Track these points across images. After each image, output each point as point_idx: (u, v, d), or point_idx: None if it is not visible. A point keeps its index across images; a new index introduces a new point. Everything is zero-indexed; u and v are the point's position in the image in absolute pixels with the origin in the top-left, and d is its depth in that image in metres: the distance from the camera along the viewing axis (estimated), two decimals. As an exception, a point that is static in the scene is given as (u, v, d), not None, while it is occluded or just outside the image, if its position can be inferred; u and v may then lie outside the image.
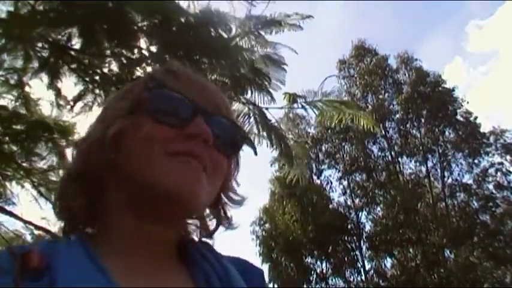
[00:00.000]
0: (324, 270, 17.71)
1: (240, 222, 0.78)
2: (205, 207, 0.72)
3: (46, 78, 4.33)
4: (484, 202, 16.81)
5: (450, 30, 30.53)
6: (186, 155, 0.65)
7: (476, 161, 17.47)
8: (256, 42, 4.09)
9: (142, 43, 3.78)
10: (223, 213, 0.77)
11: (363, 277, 17.56)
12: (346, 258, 17.61)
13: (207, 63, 3.75)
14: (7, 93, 4.95)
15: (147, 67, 3.76)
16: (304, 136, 18.14)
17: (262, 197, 18.18)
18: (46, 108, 5.16)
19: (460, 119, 17.95)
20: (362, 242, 17.94)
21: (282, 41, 4.15)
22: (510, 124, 28.47)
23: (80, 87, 4.29)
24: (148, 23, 3.56)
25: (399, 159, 18.94)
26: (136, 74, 3.86)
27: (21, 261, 0.58)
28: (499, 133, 17.52)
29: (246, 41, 4.05)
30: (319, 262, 17.81)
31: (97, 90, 4.24)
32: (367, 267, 17.69)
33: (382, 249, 17.40)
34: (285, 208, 17.76)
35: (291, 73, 4.28)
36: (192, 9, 3.80)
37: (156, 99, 0.67)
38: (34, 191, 5.66)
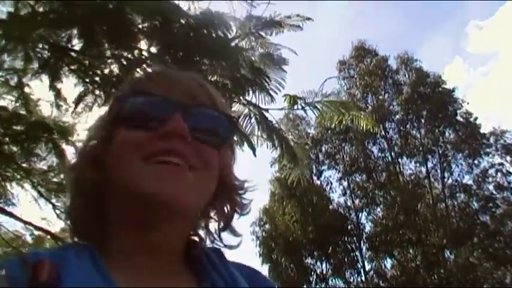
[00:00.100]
0: (324, 271, 17.71)
1: (239, 222, 0.77)
2: (200, 203, 0.69)
3: (46, 79, 4.34)
4: (484, 203, 16.80)
5: (450, 31, 30.56)
6: (163, 155, 0.64)
7: (476, 162, 17.47)
8: (257, 43, 4.10)
9: (142, 44, 3.79)
10: (232, 202, 0.75)
11: (363, 278, 17.56)
12: (346, 259, 17.59)
13: (207, 64, 3.75)
14: (7, 94, 4.96)
15: (147, 68, 3.76)
16: (304, 137, 18.13)
17: (262, 197, 18.17)
18: (46, 109, 5.17)
19: (460, 119, 17.93)
20: (362, 242, 17.93)
21: (282, 42, 4.16)
22: (510, 125, 28.43)
23: (79, 88, 4.30)
24: (148, 24, 3.56)
25: (399, 160, 18.93)
26: (137, 75, 3.86)
27: (32, 272, 0.57)
28: (499, 134, 17.51)
29: (246, 41, 4.06)
30: (319, 263, 17.81)
31: (97, 91, 4.25)
32: (367, 267, 17.72)
33: (382, 250, 17.39)
34: (285, 209, 17.75)
35: (291, 73, 4.29)
36: (192, 11, 3.81)
37: (126, 107, 0.68)
38: (34, 191, 5.66)
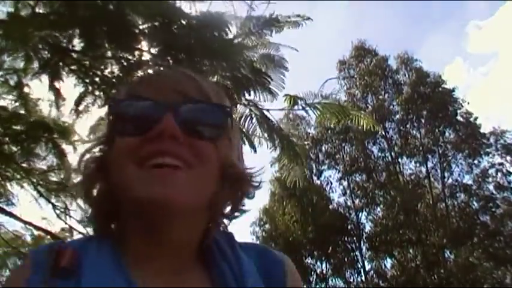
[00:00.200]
0: (324, 271, 17.73)
1: (239, 222, 0.77)
2: (200, 199, 0.68)
3: (46, 79, 4.34)
4: (484, 203, 16.81)
5: (450, 31, 30.55)
6: (156, 157, 0.64)
7: (477, 162, 17.49)
8: (257, 43, 4.09)
9: (143, 45, 3.79)
10: (239, 190, 0.74)
11: (363, 278, 17.58)
12: (346, 259, 17.61)
13: (208, 64, 3.75)
14: (7, 94, 4.95)
15: (148, 69, 3.75)
16: (304, 137, 18.13)
17: (262, 197, 18.18)
18: (46, 109, 5.17)
19: (460, 119, 17.94)
20: (362, 242, 17.95)
21: (282, 42, 4.16)
22: (510, 125, 28.44)
23: (79, 88, 4.30)
24: (149, 25, 3.56)
25: (399, 160, 18.94)
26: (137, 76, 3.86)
27: (54, 258, 0.63)
28: (499, 134, 17.52)
29: (246, 41, 4.05)
30: (319, 263, 17.83)
31: (97, 92, 4.25)
32: (367, 267, 17.74)
33: (382, 250, 17.40)
34: (285, 209, 17.76)
35: (291, 73, 4.30)
36: (192, 11, 3.80)
37: (118, 113, 0.71)
38: (34, 191, 5.67)
